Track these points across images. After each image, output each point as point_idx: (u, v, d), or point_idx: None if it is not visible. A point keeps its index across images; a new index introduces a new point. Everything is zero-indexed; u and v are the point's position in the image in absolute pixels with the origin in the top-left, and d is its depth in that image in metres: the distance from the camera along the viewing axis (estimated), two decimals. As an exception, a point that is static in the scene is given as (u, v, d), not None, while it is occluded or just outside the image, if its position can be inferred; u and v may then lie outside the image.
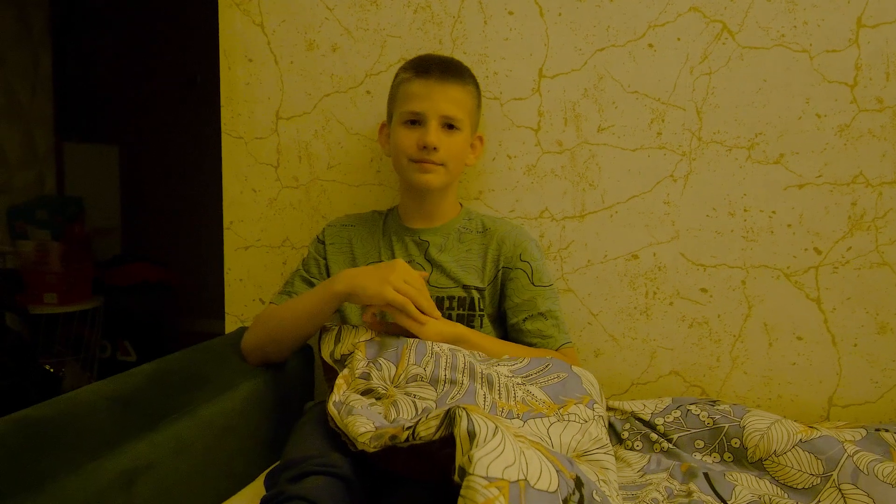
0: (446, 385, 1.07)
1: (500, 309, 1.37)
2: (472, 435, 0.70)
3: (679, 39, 1.41)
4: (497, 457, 0.69)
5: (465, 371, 1.10)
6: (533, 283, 1.34)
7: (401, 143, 1.33)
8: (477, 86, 1.40)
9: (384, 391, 1.10)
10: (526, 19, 1.48)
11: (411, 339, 1.18)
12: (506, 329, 1.38)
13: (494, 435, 0.71)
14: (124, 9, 4.19)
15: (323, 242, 1.44)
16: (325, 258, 1.41)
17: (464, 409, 0.74)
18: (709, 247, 1.44)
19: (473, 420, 0.72)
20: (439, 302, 1.35)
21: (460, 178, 1.53)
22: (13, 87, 3.31)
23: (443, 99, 1.31)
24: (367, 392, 1.11)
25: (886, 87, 1.34)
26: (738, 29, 1.38)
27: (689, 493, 1.07)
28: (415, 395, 1.06)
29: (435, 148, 1.29)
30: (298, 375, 1.45)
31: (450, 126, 1.32)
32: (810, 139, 1.37)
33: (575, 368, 1.17)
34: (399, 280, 1.18)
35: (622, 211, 1.48)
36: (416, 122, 1.32)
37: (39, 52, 3.49)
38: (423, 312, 1.20)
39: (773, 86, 1.38)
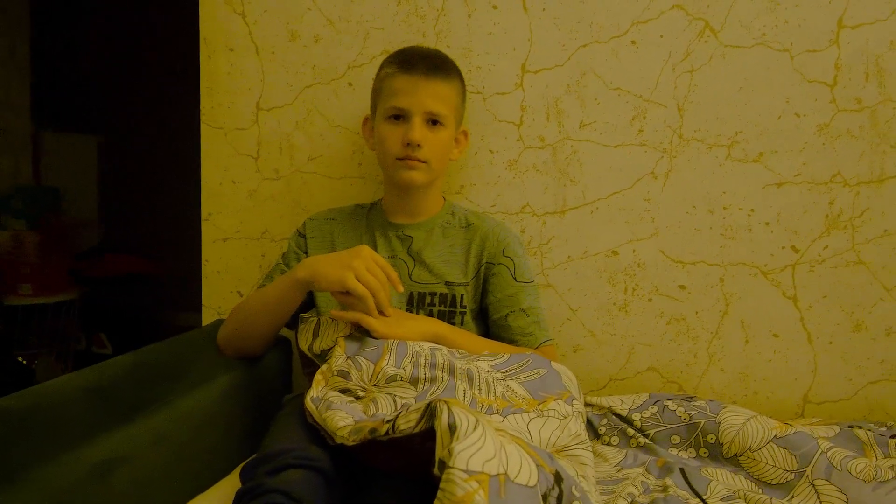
0: (426, 384, 1.07)
1: (481, 304, 1.37)
2: (452, 428, 0.70)
3: (662, 37, 1.42)
4: (477, 450, 0.69)
5: (445, 367, 1.09)
6: (515, 279, 1.34)
7: (385, 141, 1.32)
8: (461, 80, 1.39)
9: (363, 393, 1.09)
10: (510, 14, 1.48)
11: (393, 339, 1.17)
12: (487, 326, 1.38)
13: (475, 429, 0.70)
14: (104, -4, 4.14)
15: (304, 236, 1.43)
16: (305, 252, 1.40)
17: (445, 402, 0.74)
18: (688, 244, 1.45)
19: (454, 413, 0.71)
20: (421, 298, 1.35)
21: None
22: (-12, 74, 3.26)
23: (427, 95, 1.29)
24: (344, 391, 1.10)
25: (865, 87, 1.35)
26: (721, 27, 1.39)
27: (665, 489, 1.08)
28: (395, 394, 1.06)
29: (419, 145, 1.29)
30: (277, 368, 1.44)
31: (434, 122, 1.31)
32: (789, 138, 1.39)
33: (554, 365, 1.18)
34: (362, 268, 1.15)
35: (603, 207, 1.48)
36: (400, 117, 1.31)
37: (17, 39, 3.44)
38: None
39: (753, 84, 1.39)
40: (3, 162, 3.36)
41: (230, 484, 1.17)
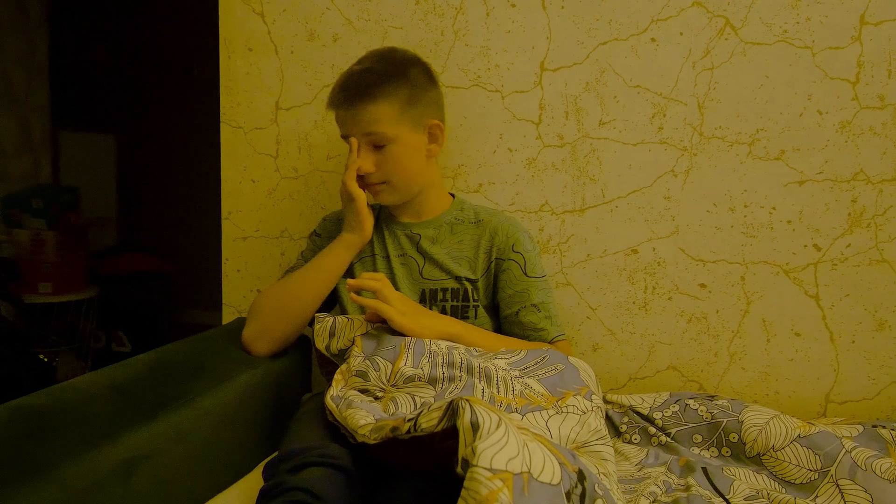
0: (444, 383, 1.07)
1: (493, 300, 1.37)
2: (475, 426, 0.70)
3: (682, 34, 1.41)
4: (501, 449, 0.68)
5: (463, 366, 1.09)
6: (526, 275, 1.34)
7: (349, 169, 1.34)
8: (402, 82, 1.30)
9: (381, 394, 1.09)
10: (528, 12, 1.47)
11: (409, 337, 1.17)
12: (500, 321, 1.37)
13: (498, 427, 0.70)
14: (122, -4, 4.17)
15: (319, 235, 1.44)
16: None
17: (467, 400, 0.74)
18: (708, 242, 1.44)
19: (477, 412, 0.71)
20: (432, 294, 1.35)
21: (460, 172, 1.53)
22: (9, 74, 3.29)
23: (356, 124, 1.29)
24: (363, 391, 1.10)
25: (888, 84, 1.34)
26: (741, 24, 1.38)
27: (688, 488, 1.07)
28: (414, 394, 1.06)
29: (369, 172, 1.31)
30: (296, 367, 1.45)
31: (376, 145, 1.30)
32: (811, 136, 1.37)
33: (572, 360, 1.17)
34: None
35: (622, 205, 1.47)
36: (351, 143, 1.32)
37: (36, 38, 3.47)
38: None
39: (775, 82, 1.38)
40: (23, 161, 3.39)
41: (250, 482, 1.18)
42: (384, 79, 1.29)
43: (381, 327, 1.23)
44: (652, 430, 1.26)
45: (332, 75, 1.58)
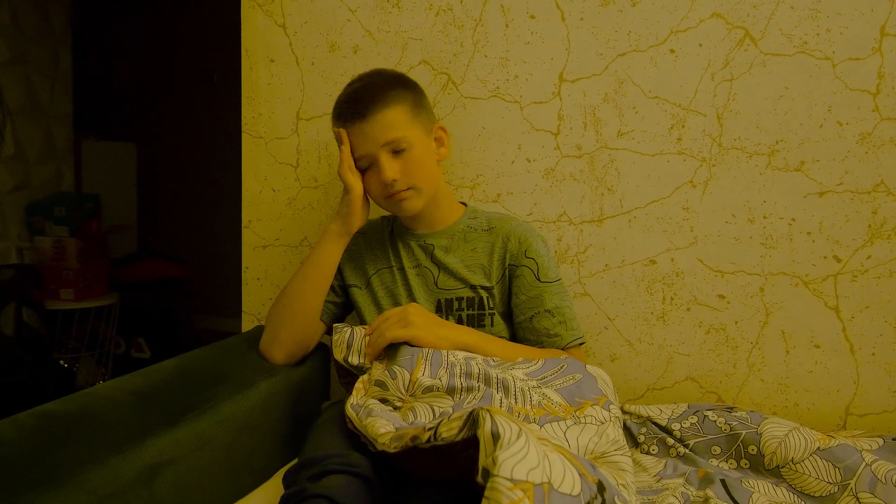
0: (463, 393, 1.08)
1: (509, 306, 1.37)
2: (496, 437, 0.70)
3: (701, 45, 1.41)
4: (521, 459, 0.69)
5: (480, 377, 1.10)
6: (539, 280, 1.34)
7: (371, 190, 1.35)
8: (406, 89, 1.34)
9: (400, 403, 1.10)
10: (547, 23, 1.48)
11: (426, 349, 1.18)
12: (513, 327, 1.38)
13: (518, 437, 0.71)
14: (143, 6, 4.22)
15: None
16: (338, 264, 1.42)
17: (487, 410, 0.74)
18: (727, 253, 1.44)
19: (497, 422, 0.72)
20: (448, 304, 1.36)
21: (478, 182, 1.54)
22: (33, 83, 3.33)
23: (375, 133, 1.28)
24: (383, 401, 1.11)
25: (909, 95, 1.33)
26: (761, 36, 1.38)
27: (706, 500, 1.07)
28: (433, 404, 1.07)
29: (395, 180, 1.29)
30: (315, 375, 1.46)
31: (397, 151, 1.29)
32: (831, 147, 1.37)
33: (589, 368, 1.17)
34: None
35: (640, 216, 1.48)
36: (370, 164, 1.32)
37: (59, 48, 3.52)
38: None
39: (794, 93, 1.38)
40: (46, 169, 3.44)
41: (270, 489, 1.19)
42: (388, 87, 1.31)
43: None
44: (670, 441, 1.26)
45: (352, 86, 1.60)
